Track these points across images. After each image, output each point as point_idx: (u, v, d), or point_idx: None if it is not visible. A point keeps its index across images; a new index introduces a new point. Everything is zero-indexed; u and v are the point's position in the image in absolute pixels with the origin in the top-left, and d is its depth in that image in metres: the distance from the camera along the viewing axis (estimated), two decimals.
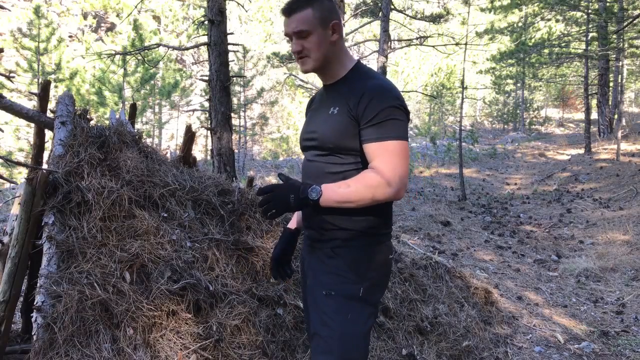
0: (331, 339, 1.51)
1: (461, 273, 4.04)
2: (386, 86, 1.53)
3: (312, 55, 1.57)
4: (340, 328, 1.51)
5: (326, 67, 1.61)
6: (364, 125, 1.49)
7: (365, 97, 1.49)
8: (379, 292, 1.63)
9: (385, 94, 1.49)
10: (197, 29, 11.79)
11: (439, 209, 8.21)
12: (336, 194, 1.47)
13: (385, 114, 1.47)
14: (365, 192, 1.45)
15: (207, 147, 20.05)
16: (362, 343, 1.55)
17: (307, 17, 1.53)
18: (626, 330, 3.65)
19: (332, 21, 1.57)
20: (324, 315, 1.54)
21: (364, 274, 1.56)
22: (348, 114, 1.52)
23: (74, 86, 15.38)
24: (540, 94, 29.10)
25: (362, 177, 1.48)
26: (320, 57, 1.57)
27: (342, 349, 1.50)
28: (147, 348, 2.09)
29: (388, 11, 9.47)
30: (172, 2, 26.35)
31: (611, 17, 12.77)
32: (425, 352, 2.91)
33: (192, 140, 3.20)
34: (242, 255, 2.71)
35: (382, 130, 1.47)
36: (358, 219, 1.55)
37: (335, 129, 1.54)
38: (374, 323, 1.64)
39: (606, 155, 12.80)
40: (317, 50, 1.56)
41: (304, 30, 1.54)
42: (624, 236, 6.13)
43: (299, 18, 1.54)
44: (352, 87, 1.55)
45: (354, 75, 1.61)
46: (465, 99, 12.16)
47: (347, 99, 1.53)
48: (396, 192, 1.46)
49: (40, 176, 2.27)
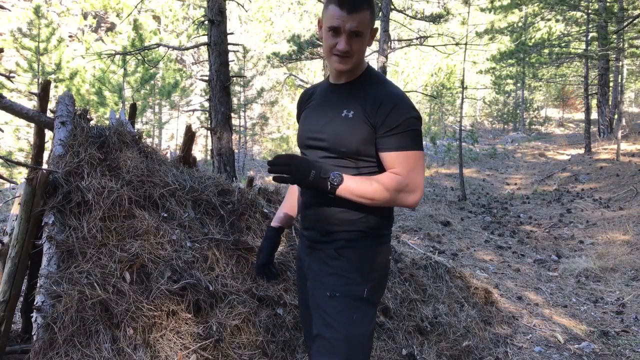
0: (336, 340, 1.50)
1: (461, 273, 4.04)
2: (404, 96, 1.55)
3: (355, 56, 1.52)
4: (346, 329, 1.50)
5: (355, 68, 1.59)
6: (383, 134, 1.49)
7: (385, 106, 1.48)
8: (380, 292, 1.64)
9: (404, 104, 1.51)
10: (197, 29, 11.78)
11: (439, 209, 8.21)
12: (357, 186, 1.48)
13: (407, 124, 1.48)
14: (387, 195, 1.47)
15: (207, 147, 20.04)
16: (367, 344, 1.55)
17: (366, 20, 1.49)
18: (626, 330, 3.65)
19: (374, 27, 1.56)
20: (327, 316, 1.53)
21: (368, 275, 1.56)
22: (365, 121, 1.51)
23: (74, 86, 15.37)
24: (540, 94, 29.09)
25: (386, 178, 1.49)
26: (359, 59, 1.55)
27: (348, 350, 1.49)
28: (147, 348, 2.09)
29: (388, 11, 9.46)
30: (172, 2, 26.34)
31: (611, 17, 12.76)
32: (425, 352, 2.91)
33: (192, 140, 3.20)
34: (242, 255, 2.71)
35: (403, 140, 1.48)
36: (361, 219, 1.55)
37: (349, 133, 1.52)
38: (375, 324, 1.64)
39: (606, 155, 12.80)
40: (360, 53, 1.53)
41: (361, 32, 1.49)
42: (624, 236, 6.13)
43: (359, 18, 1.48)
44: (368, 93, 1.54)
45: (366, 79, 1.59)
46: (465, 99, 12.16)
47: (363, 104, 1.52)
48: (415, 201, 1.50)
49: (40, 176, 2.27)
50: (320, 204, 1.60)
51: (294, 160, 1.47)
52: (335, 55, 1.51)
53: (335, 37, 1.50)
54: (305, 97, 1.76)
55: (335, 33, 1.50)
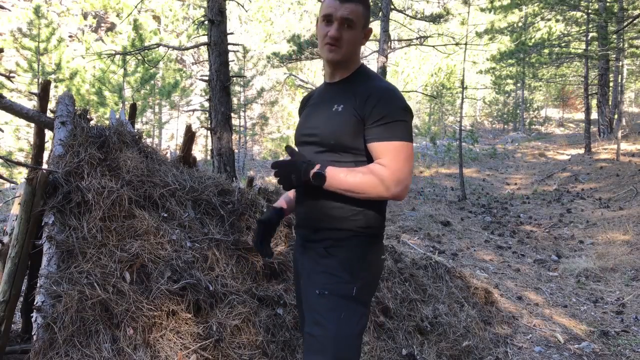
0: (324, 338, 1.50)
1: (461, 273, 4.04)
2: (392, 88, 1.57)
3: (344, 47, 1.57)
4: (334, 328, 1.50)
5: (344, 63, 1.63)
6: (370, 125, 1.51)
7: (372, 98, 1.52)
8: (371, 292, 1.64)
9: (392, 96, 1.53)
10: (197, 29, 11.78)
11: (439, 209, 8.21)
12: (340, 181, 1.50)
13: (394, 116, 1.50)
14: (374, 183, 1.47)
15: (207, 147, 20.05)
16: (355, 343, 1.54)
17: (358, 11, 1.56)
18: (626, 330, 3.65)
19: (368, 27, 1.64)
20: (317, 314, 1.54)
21: (357, 274, 1.56)
22: (353, 113, 1.53)
23: (74, 86, 15.37)
24: (540, 94, 29.09)
25: (371, 169, 1.50)
26: (348, 52, 1.60)
27: (335, 349, 1.49)
28: (147, 348, 2.09)
29: (388, 11, 9.46)
30: (172, 2, 26.34)
31: (611, 17, 12.76)
32: (425, 352, 2.91)
33: (192, 140, 3.20)
34: (242, 255, 2.71)
35: (390, 131, 1.49)
36: (350, 217, 1.56)
37: (338, 126, 1.55)
38: (368, 323, 1.64)
39: (606, 155, 12.80)
40: (349, 45, 1.58)
41: (352, 20, 1.55)
42: (624, 236, 6.13)
43: (352, 8, 1.55)
44: (358, 87, 1.58)
45: (358, 76, 1.63)
46: (465, 99, 12.16)
47: (353, 98, 1.55)
48: (400, 192, 1.49)
49: (40, 176, 2.27)
50: (309, 201, 1.62)
51: (279, 169, 1.55)
52: (327, 44, 1.57)
53: (328, 26, 1.57)
54: (305, 100, 1.83)
55: (328, 21, 1.57)
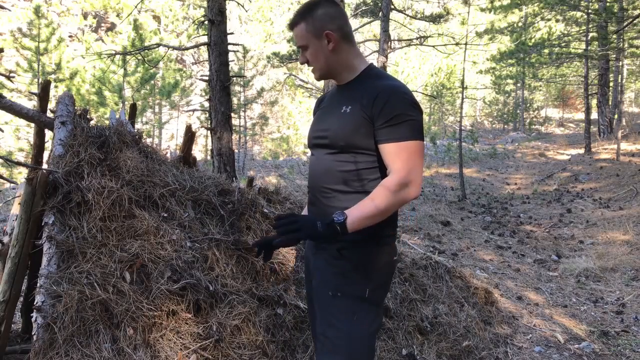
0: (338, 339, 1.51)
1: (461, 273, 4.04)
2: (400, 86, 1.55)
3: (315, 65, 1.65)
4: (347, 329, 1.51)
5: (333, 73, 1.65)
6: (380, 126, 1.50)
7: (380, 98, 1.50)
8: (383, 292, 1.64)
9: (400, 95, 1.51)
10: (197, 29, 11.79)
11: (439, 209, 8.21)
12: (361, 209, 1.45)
13: (402, 115, 1.48)
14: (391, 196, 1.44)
15: (207, 147, 20.04)
16: (369, 343, 1.55)
17: (302, 32, 1.61)
18: (626, 330, 3.65)
19: (324, 31, 1.59)
20: (330, 316, 1.54)
21: (370, 276, 1.56)
22: (361, 113, 1.52)
23: (74, 86, 15.37)
24: (540, 94, 29.09)
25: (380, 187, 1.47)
26: (322, 66, 1.64)
27: (349, 350, 1.50)
28: (147, 348, 2.09)
29: (388, 11, 9.46)
30: (172, 2, 26.33)
31: (611, 17, 12.76)
32: (425, 352, 2.91)
33: (192, 140, 3.20)
34: (242, 255, 2.71)
35: (398, 131, 1.48)
36: None
37: (347, 127, 1.55)
38: (380, 323, 1.64)
39: (606, 155, 12.80)
40: (316, 61, 1.63)
41: (302, 44, 1.63)
42: (624, 236, 6.13)
43: (297, 33, 1.63)
44: (365, 88, 1.57)
45: (366, 77, 1.63)
46: (465, 99, 12.16)
47: (360, 98, 1.55)
48: (417, 193, 1.49)
49: (40, 176, 2.27)
50: (321, 201, 1.63)
51: (299, 217, 1.49)
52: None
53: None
54: (318, 102, 1.84)
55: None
